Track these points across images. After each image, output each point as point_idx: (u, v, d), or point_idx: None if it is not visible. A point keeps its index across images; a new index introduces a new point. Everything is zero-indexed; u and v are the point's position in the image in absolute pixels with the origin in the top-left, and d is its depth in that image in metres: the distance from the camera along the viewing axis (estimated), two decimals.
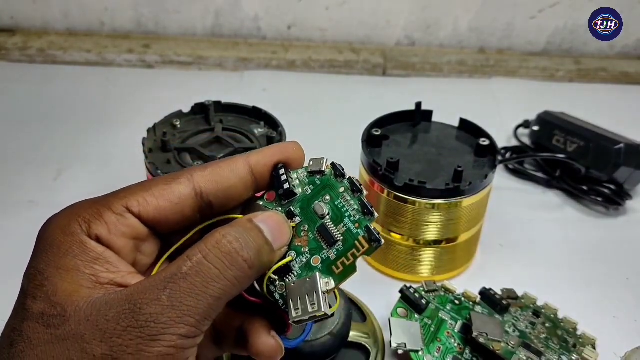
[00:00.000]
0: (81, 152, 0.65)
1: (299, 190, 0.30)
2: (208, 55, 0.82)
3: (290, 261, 0.29)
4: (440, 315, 0.44)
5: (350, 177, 0.29)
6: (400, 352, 0.42)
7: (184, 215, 0.28)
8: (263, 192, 0.31)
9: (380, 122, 0.51)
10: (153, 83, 0.79)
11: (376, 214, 0.28)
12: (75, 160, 0.64)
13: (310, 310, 0.27)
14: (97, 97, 0.75)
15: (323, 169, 0.30)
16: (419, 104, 0.53)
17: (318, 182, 0.30)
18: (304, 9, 0.84)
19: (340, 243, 0.28)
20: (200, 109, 0.52)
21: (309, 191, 0.30)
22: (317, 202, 0.29)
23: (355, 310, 0.46)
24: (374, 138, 0.50)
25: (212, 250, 0.25)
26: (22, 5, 0.84)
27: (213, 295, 0.25)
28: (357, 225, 0.29)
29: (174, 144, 0.48)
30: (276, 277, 0.29)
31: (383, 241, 0.28)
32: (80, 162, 0.63)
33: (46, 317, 0.25)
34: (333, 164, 0.30)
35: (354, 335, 0.43)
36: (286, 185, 0.29)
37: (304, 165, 0.31)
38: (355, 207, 0.29)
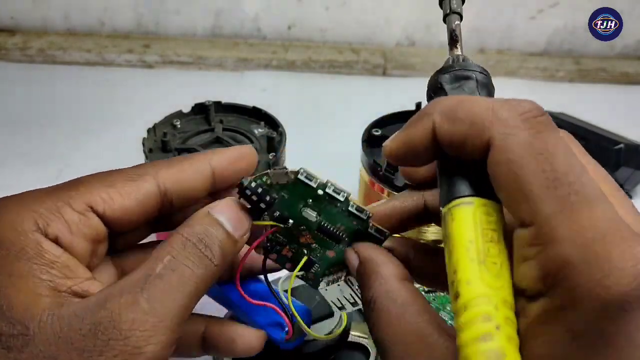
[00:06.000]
0: (81, 152, 0.65)
1: (274, 195, 0.28)
2: (208, 55, 0.82)
3: (307, 258, 0.29)
4: (440, 315, 0.44)
5: (325, 188, 0.27)
6: None
7: (146, 214, 0.27)
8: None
9: (380, 122, 0.51)
10: (153, 83, 0.79)
11: (370, 214, 0.28)
12: (75, 160, 0.64)
13: (352, 304, 0.30)
14: (97, 97, 0.75)
15: (291, 180, 0.28)
16: (419, 104, 0.53)
17: (292, 188, 0.28)
18: (304, 9, 0.84)
19: (347, 240, 0.28)
20: (200, 109, 0.52)
21: (286, 196, 0.28)
22: (302, 208, 0.28)
23: (355, 310, 0.46)
24: (374, 138, 0.50)
25: (180, 251, 0.24)
26: (22, 5, 0.84)
27: (189, 294, 0.24)
28: (355, 223, 0.28)
29: (174, 144, 0.48)
30: (302, 272, 0.29)
31: (388, 233, 0.28)
32: (80, 162, 0.63)
33: (4, 338, 0.21)
34: (298, 179, 0.27)
35: (354, 335, 0.43)
36: (262, 205, 0.28)
37: (268, 171, 0.28)
38: (344, 208, 0.28)
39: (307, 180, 0.27)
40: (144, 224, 0.27)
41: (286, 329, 0.35)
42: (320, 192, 0.28)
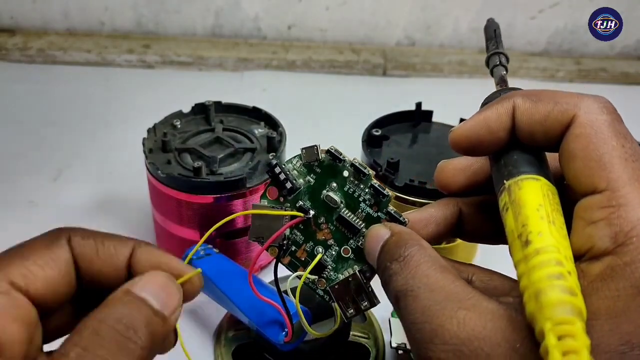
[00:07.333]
0: (81, 152, 0.65)
1: (301, 182, 0.29)
2: (208, 55, 0.82)
3: (321, 258, 0.29)
4: None
5: (352, 161, 0.29)
6: (400, 352, 0.42)
7: (70, 285, 0.23)
8: (264, 191, 0.30)
9: (380, 122, 0.51)
10: (153, 83, 0.79)
11: (390, 194, 0.29)
12: (75, 160, 0.64)
13: (363, 307, 0.28)
14: (97, 97, 0.75)
15: (319, 158, 0.29)
16: (419, 104, 0.53)
17: (318, 170, 0.29)
18: (304, 9, 0.84)
19: (364, 230, 0.28)
20: (201, 109, 0.52)
21: (312, 181, 0.29)
22: (325, 191, 0.29)
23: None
24: (374, 138, 0.50)
25: (92, 340, 0.21)
26: (22, 5, 0.84)
27: None
28: (375, 208, 0.29)
29: (174, 144, 0.48)
30: (314, 277, 0.29)
31: (407, 220, 0.28)
32: (80, 162, 0.63)
33: None
34: (329, 151, 0.29)
35: (354, 335, 0.43)
36: (288, 185, 0.29)
37: (298, 154, 0.29)
38: (367, 190, 0.29)
39: (337, 154, 0.29)
40: (70, 300, 0.24)
41: (285, 330, 0.35)
42: (345, 172, 0.29)
